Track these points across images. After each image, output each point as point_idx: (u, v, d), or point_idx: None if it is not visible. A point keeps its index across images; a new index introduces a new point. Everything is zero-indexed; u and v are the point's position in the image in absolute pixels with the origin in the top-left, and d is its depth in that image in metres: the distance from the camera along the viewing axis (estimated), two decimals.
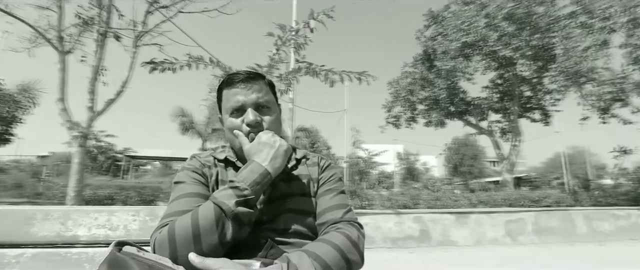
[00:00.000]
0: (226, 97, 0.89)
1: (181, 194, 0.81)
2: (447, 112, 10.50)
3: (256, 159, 0.78)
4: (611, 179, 20.11)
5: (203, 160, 0.92)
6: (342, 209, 0.87)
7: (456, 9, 9.10)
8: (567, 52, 7.63)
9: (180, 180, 0.86)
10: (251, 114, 0.85)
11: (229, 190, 0.72)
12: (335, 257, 0.70)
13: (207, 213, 0.69)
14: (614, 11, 7.08)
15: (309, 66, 8.53)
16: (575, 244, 6.85)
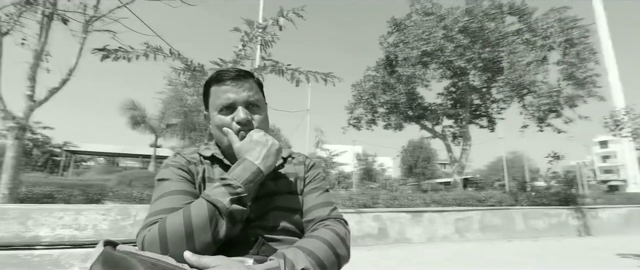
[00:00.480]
0: (215, 93, 0.88)
1: (167, 191, 0.78)
2: (406, 116, 11.03)
3: (248, 157, 0.78)
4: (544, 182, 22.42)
5: (188, 157, 0.90)
6: (329, 207, 0.90)
7: (417, 18, 9.59)
8: (512, 66, 8.38)
9: (165, 177, 0.83)
10: (242, 112, 0.85)
11: (221, 188, 0.71)
12: (326, 252, 0.73)
13: (201, 211, 0.68)
14: (553, 31, 7.95)
15: (275, 64, 8.45)
16: (514, 240, 7.55)
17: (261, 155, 0.78)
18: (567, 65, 8.12)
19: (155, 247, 0.65)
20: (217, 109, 0.86)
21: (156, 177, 0.84)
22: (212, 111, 0.89)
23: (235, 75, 0.87)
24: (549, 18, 8.23)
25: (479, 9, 8.33)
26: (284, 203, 0.88)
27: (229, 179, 0.73)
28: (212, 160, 0.91)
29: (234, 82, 0.86)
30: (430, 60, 9.37)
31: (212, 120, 0.89)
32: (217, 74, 0.88)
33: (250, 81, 0.91)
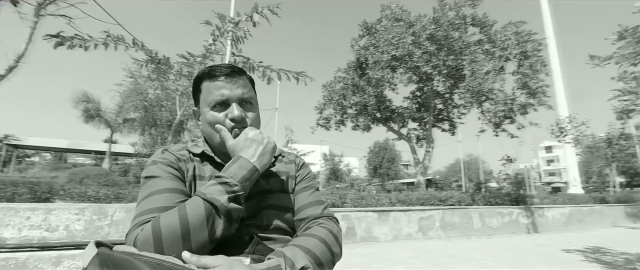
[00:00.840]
0: (207, 89, 0.85)
1: (157, 189, 0.75)
2: (374, 117, 11.32)
3: (244, 155, 0.77)
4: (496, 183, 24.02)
5: (177, 154, 0.87)
6: (321, 205, 0.91)
7: (387, 23, 9.89)
8: (473, 74, 8.92)
9: (153, 174, 0.79)
10: (236, 109, 0.83)
11: (218, 186, 0.70)
12: (322, 250, 0.74)
13: (197, 209, 0.66)
14: (510, 43, 8.59)
15: (247, 61, 8.25)
16: (472, 237, 8.03)
17: (257, 153, 0.78)
18: (521, 75, 8.81)
19: (149, 247, 0.63)
20: (210, 105, 0.84)
21: (143, 174, 0.81)
22: (203, 107, 0.87)
23: (230, 71, 0.86)
24: (507, 31, 8.87)
25: (445, 18, 8.78)
26: (277, 201, 0.88)
27: (225, 177, 0.71)
28: (202, 157, 0.89)
29: (227, 79, 0.85)
30: (399, 65, 9.71)
31: (204, 117, 0.87)
32: (209, 69, 0.87)
33: (244, 78, 0.90)
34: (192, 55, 7.30)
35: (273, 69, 7.42)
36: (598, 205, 11.45)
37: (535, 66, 8.61)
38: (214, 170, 0.86)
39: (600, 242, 7.24)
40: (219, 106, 0.84)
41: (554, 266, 4.97)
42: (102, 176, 8.89)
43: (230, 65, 0.88)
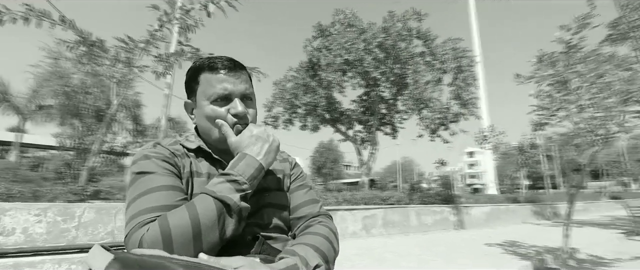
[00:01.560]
0: (208, 82, 0.81)
1: (155, 186, 0.69)
2: (323, 118, 11.55)
3: (249, 153, 0.74)
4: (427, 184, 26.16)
5: (171, 149, 0.80)
6: (317, 204, 0.93)
7: (341, 28, 10.19)
8: (415, 83, 9.63)
9: (148, 170, 0.72)
10: (240, 105, 0.80)
11: (227, 184, 0.67)
12: (328, 247, 0.76)
13: (208, 208, 0.63)
14: (448, 57, 9.48)
15: (196, 51, 7.82)
16: (410, 234, 8.65)
17: (263, 151, 0.76)
18: (456, 87, 9.77)
19: (157, 248, 0.59)
20: (210, 99, 0.80)
21: (133, 169, 0.74)
22: (201, 100, 0.82)
23: (232, 65, 0.83)
24: (446, 46, 9.78)
25: (394, 28, 9.34)
26: (275, 200, 0.87)
27: (233, 174, 0.69)
28: (197, 153, 0.84)
29: (230, 73, 0.82)
30: (350, 69, 10.06)
31: (202, 110, 0.82)
32: (209, 60, 0.82)
33: (245, 73, 0.88)
34: (132, 40, 6.65)
35: None
36: (511, 204, 13.18)
37: (467, 80, 9.64)
38: (210, 167, 0.82)
39: (515, 236, 8.35)
40: (220, 100, 0.80)
41: (480, 259, 5.61)
42: (10, 171, 7.64)
43: (230, 58, 0.84)
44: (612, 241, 7.84)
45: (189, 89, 0.86)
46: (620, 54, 5.20)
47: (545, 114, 5.34)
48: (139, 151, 0.78)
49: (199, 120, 0.84)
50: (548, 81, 4.85)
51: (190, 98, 0.87)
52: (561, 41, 4.85)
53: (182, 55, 7.18)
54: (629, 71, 4.11)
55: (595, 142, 4.19)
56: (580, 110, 4.28)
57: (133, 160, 0.76)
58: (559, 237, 7.83)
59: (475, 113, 10.23)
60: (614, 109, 3.89)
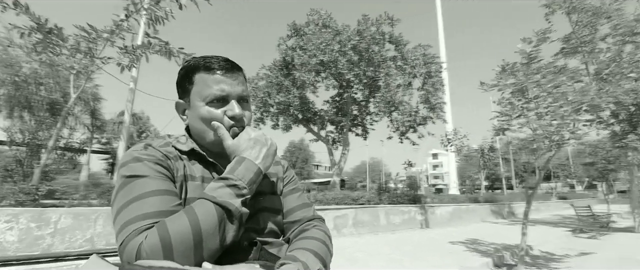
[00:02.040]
0: (204, 82, 0.78)
1: (148, 191, 0.65)
2: (296, 118, 11.51)
3: (248, 156, 0.73)
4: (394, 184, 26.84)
5: (164, 151, 0.76)
6: (310, 207, 0.93)
7: (316, 28, 10.24)
8: (387, 86, 9.91)
9: (139, 173, 0.68)
10: (237, 107, 0.78)
11: (226, 189, 0.65)
12: (325, 251, 0.76)
13: (209, 214, 0.61)
14: (418, 63, 9.85)
15: (165, 45, 7.48)
16: (379, 233, 8.86)
17: (261, 155, 0.75)
18: (425, 92, 10.17)
19: (157, 257, 0.57)
20: (206, 100, 0.77)
21: (123, 172, 0.69)
22: (196, 101, 0.79)
23: (230, 66, 0.81)
24: (416, 52, 10.14)
25: (367, 32, 9.53)
26: (269, 204, 0.86)
27: (233, 178, 0.67)
28: (190, 155, 0.81)
29: (228, 74, 0.79)
30: (324, 70, 10.13)
31: (196, 111, 0.79)
32: (205, 60, 0.80)
33: (242, 74, 0.86)
34: (94, 29, 6.25)
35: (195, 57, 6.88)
36: (472, 204, 13.93)
37: (436, 85, 10.07)
38: (204, 170, 0.79)
39: (475, 234, 8.84)
40: (216, 102, 0.78)
41: (445, 256, 5.88)
42: None
43: (227, 59, 0.82)
44: (561, 238, 8.54)
45: (182, 89, 0.83)
46: (572, 66, 5.69)
47: (506, 119, 5.69)
48: (127, 153, 0.74)
49: (193, 122, 0.81)
50: (510, 89, 5.18)
51: (183, 98, 0.83)
52: (523, 52, 5.20)
53: (149, 48, 6.86)
54: (582, 83, 4.50)
55: (551, 147, 4.53)
56: (539, 118, 4.62)
57: (122, 163, 0.71)
58: (515, 235, 8.39)
59: (443, 117, 10.71)
60: (568, 117, 4.23)
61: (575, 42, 6.78)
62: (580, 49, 6.77)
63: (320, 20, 10.49)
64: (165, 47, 6.70)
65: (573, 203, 10.34)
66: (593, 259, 5.95)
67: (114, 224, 0.64)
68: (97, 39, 6.34)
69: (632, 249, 6.86)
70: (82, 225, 4.42)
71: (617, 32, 6.37)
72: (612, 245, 7.45)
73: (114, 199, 0.67)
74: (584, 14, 6.79)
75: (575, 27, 6.91)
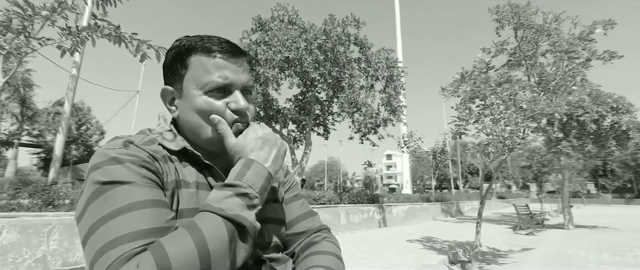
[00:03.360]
0: (202, 66, 0.65)
1: (135, 202, 0.50)
2: (257, 115, 11.18)
3: (256, 158, 0.61)
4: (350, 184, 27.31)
5: (149, 150, 0.60)
6: (315, 216, 0.84)
7: (281, 25, 10.03)
8: (351, 87, 10.02)
9: (121, 179, 0.52)
10: (242, 99, 0.66)
11: (235, 199, 0.53)
12: (341, 267, 0.70)
13: (218, 231, 0.49)
14: (381, 66, 10.13)
15: (115, 29, 6.85)
16: (339, 233, 8.93)
17: (271, 157, 0.63)
18: (386, 95, 10.47)
19: None
20: (204, 89, 0.64)
21: (96, 177, 0.53)
22: (191, 89, 0.65)
23: (234, 49, 0.68)
24: (380, 55, 10.39)
25: (334, 32, 9.55)
26: (272, 214, 0.74)
27: (242, 185, 0.55)
28: (181, 156, 0.66)
29: (232, 58, 0.67)
30: (288, 67, 9.96)
31: (191, 102, 0.65)
32: (202, 40, 0.67)
33: (246, 60, 0.74)
34: (30, 5, 5.49)
35: (151, 45, 6.37)
36: (425, 203, 14.68)
37: (397, 89, 10.42)
38: (198, 175, 0.65)
39: (430, 232, 9.28)
40: (217, 92, 0.65)
41: (404, 254, 6.06)
42: None
43: (228, 41, 0.69)
44: (503, 235, 9.29)
45: (171, 73, 0.68)
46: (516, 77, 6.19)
47: (463, 124, 6.01)
48: (101, 152, 0.57)
49: (185, 114, 0.67)
50: (469, 96, 5.48)
51: (172, 85, 0.69)
52: (481, 61, 5.53)
53: (97, 31, 6.18)
54: (534, 93, 4.89)
55: (504, 150, 4.87)
56: (495, 123, 4.93)
57: (94, 164, 0.55)
58: (463, 232, 8.96)
59: (402, 120, 11.11)
60: (521, 124, 4.57)
61: (519, 55, 7.40)
62: (524, 62, 7.41)
63: (286, 16, 10.33)
64: (116, 31, 6.10)
65: (514, 203, 11.34)
66: (534, 254, 6.53)
67: (86, 246, 0.48)
68: (33, 17, 5.59)
69: (565, 244, 7.68)
70: (30, 241, 3.63)
71: (555, 49, 7.07)
72: (547, 241, 8.27)
73: (82, 212, 0.51)
74: (528, 30, 7.44)
75: (520, 42, 7.55)
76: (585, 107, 9.23)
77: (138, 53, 6.24)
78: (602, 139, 9.88)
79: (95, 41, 6.12)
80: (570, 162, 11.62)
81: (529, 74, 7.34)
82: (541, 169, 14.70)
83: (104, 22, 6.21)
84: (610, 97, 9.59)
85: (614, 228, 10.92)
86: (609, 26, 6.50)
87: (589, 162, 14.83)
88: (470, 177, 51.52)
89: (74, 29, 5.71)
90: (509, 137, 4.84)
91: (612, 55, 5.60)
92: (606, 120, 9.68)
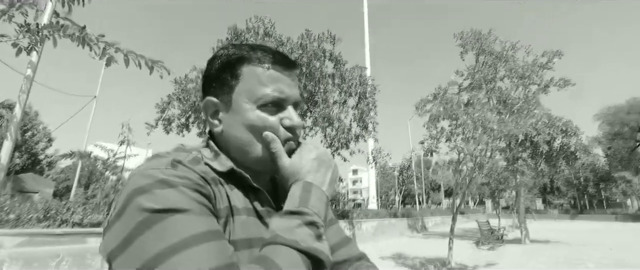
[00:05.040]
0: (256, 77, 0.59)
1: (196, 235, 0.43)
2: None
3: (314, 181, 0.56)
4: None
5: (199, 171, 0.52)
6: (351, 242, 0.77)
7: (257, 37, 9.96)
8: (325, 101, 10.11)
9: (175, 206, 0.44)
10: (296, 116, 0.61)
11: (305, 229, 0.48)
12: None
13: (297, 268, 0.45)
14: (354, 82, 10.36)
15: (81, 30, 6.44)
16: None
17: (327, 180, 0.58)
18: (359, 110, 10.67)
19: None
20: (258, 102, 0.58)
21: (145, 203, 0.44)
22: (242, 102, 0.59)
23: (288, 61, 0.63)
24: (354, 72, 10.63)
25: (310, 47, 9.65)
26: None
27: (309, 213, 0.50)
28: (227, 177, 0.59)
29: (286, 71, 0.62)
30: None
31: (242, 116, 0.59)
32: (254, 50, 0.61)
33: (297, 73, 0.69)
34: None
35: (120, 49, 6.01)
36: (392, 218, 14.93)
37: (370, 105, 10.67)
38: (245, 200, 0.58)
39: (400, 249, 9.41)
40: (271, 106, 0.59)
41: None
42: None
43: (281, 51, 0.64)
44: (468, 250, 9.65)
45: (219, 83, 0.61)
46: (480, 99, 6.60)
47: (433, 142, 6.24)
48: (144, 172, 0.48)
49: (234, 130, 0.60)
50: (442, 115, 5.72)
51: (218, 97, 0.61)
52: (454, 83, 5.83)
53: (59, 30, 5.72)
54: (500, 115, 5.20)
55: (475, 168, 5.10)
56: (466, 142, 5.16)
57: (139, 187, 0.46)
58: (430, 248, 9.20)
59: (375, 136, 11.34)
60: (491, 143, 4.83)
61: (480, 79, 7.92)
62: (484, 86, 7.94)
63: (263, 28, 10.28)
64: (81, 31, 5.68)
65: (477, 219, 11.90)
66: (497, 268, 6.81)
67: None
68: None
69: (524, 258, 8.11)
70: None
71: (512, 74, 7.68)
72: (508, 255, 8.70)
73: (125, 244, 0.42)
74: (489, 56, 8.02)
75: (481, 66, 8.11)
76: (538, 129, 10.04)
77: (104, 56, 5.86)
78: (553, 159, 10.72)
79: (56, 41, 5.66)
80: (524, 179, 12.49)
81: (489, 97, 7.87)
82: (498, 186, 15.58)
83: (67, 21, 5.78)
84: (559, 121, 10.52)
85: (564, 242, 11.77)
86: (557, 56, 7.21)
87: (539, 180, 15.99)
88: (432, 193, 53.50)
89: (33, 26, 5.23)
90: (479, 156, 5.08)
91: (565, 82, 6.13)
92: (556, 142, 10.55)
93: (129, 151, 16.18)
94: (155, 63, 6.79)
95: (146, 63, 6.66)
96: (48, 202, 4.89)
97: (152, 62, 6.78)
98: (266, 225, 0.57)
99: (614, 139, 32.13)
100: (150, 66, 6.75)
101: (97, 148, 17.07)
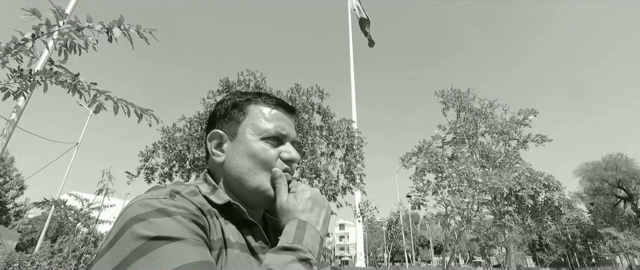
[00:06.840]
0: (262, 114, 0.66)
1: (190, 264, 0.43)
2: None
3: (308, 221, 0.58)
4: None
5: (196, 202, 0.54)
6: None
7: (248, 89, 10.34)
8: (313, 153, 10.17)
9: (172, 235, 0.45)
10: (294, 150, 0.67)
11: (298, 265, 0.49)
12: None
13: None
14: (342, 135, 10.58)
15: (74, 78, 6.56)
16: None
17: (321, 220, 0.61)
18: (346, 162, 10.74)
19: None
20: (262, 135, 0.64)
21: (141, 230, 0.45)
22: (247, 134, 0.64)
23: (289, 106, 0.73)
24: (341, 125, 10.91)
25: (300, 100, 10.00)
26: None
27: (304, 249, 0.51)
28: (223, 210, 0.60)
29: (287, 113, 0.71)
30: None
31: (246, 145, 0.63)
32: (260, 95, 0.71)
33: (294, 119, 0.76)
34: None
35: (110, 97, 6.08)
36: None
37: (357, 158, 10.78)
38: (239, 234, 0.59)
39: None
40: (272, 140, 0.65)
41: None
42: None
43: (282, 99, 0.73)
44: None
45: (227, 118, 0.68)
46: (464, 153, 6.80)
47: (421, 195, 6.25)
48: (143, 201, 0.49)
49: (236, 158, 0.63)
50: (428, 168, 5.81)
51: (224, 128, 0.67)
52: (437, 137, 6.03)
53: (52, 76, 5.80)
54: (483, 168, 5.33)
55: (463, 222, 5.06)
56: (452, 195, 5.19)
57: (136, 215, 0.47)
58: None
59: (362, 188, 11.27)
60: (477, 196, 4.87)
61: (462, 133, 8.23)
62: (467, 140, 8.22)
63: (253, 81, 10.67)
64: (74, 79, 5.77)
65: None
66: None
67: None
68: None
69: None
70: None
71: (492, 130, 8.04)
72: None
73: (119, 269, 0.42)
74: (469, 113, 8.45)
75: (463, 122, 8.50)
76: (522, 183, 10.24)
77: (93, 103, 5.89)
78: (539, 214, 10.77)
79: (47, 87, 5.71)
80: (513, 235, 12.35)
81: (472, 151, 8.11)
82: (487, 242, 15.31)
83: (61, 68, 5.90)
84: (541, 175, 10.79)
85: None
86: (532, 114, 7.65)
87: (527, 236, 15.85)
88: (421, 249, 51.88)
89: (26, 71, 5.29)
90: (466, 209, 5.08)
91: (543, 138, 6.43)
92: (540, 196, 10.70)
93: (106, 201, 15.42)
94: (145, 111, 6.88)
95: (136, 111, 6.76)
96: (11, 254, 4.54)
97: (142, 111, 6.87)
98: (259, 260, 0.57)
99: (596, 194, 32.89)
100: (140, 114, 6.83)
101: (71, 197, 16.23)
